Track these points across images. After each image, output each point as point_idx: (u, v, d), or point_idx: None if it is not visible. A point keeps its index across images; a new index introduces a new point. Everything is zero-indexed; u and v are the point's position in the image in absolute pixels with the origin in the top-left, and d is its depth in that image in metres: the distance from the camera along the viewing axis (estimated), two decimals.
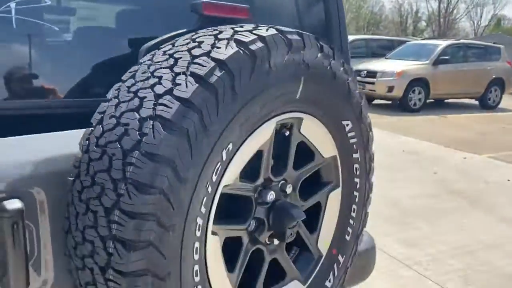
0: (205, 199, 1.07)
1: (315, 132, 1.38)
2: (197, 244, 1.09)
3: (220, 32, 1.16)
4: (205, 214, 1.10)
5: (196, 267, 1.11)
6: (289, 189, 1.35)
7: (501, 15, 50.97)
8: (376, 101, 12.95)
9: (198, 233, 1.08)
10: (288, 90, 1.22)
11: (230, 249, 1.25)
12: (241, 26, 1.20)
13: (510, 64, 13.65)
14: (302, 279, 1.45)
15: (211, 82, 1.02)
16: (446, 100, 13.68)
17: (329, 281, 1.51)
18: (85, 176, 1.02)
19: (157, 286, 1.01)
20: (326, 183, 1.49)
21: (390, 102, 12.56)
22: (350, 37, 12.09)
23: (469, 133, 9.46)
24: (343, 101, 1.38)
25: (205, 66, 1.04)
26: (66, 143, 1.12)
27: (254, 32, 1.16)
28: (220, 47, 1.09)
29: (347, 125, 1.42)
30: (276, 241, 1.35)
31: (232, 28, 1.17)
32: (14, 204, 1.03)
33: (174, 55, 1.10)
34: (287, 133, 1.34)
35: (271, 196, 1.30)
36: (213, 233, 1.16)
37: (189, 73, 1.04)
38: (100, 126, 1.04)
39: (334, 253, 1.52)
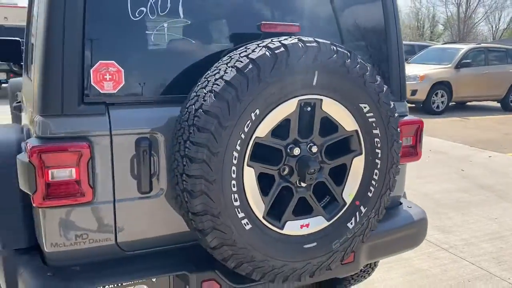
0: (239, 141, 1.67)
1: (335, 111, 1.85)
2: (234, 168, 1.68)
3: (263, 41, 1.74)
4: (240, 151, 1.68)
5: (234, 182, 1.69)
6: (314, 149, 1.85)
7: None
8: None
9: (234, 161, 1.68)
10: (305, 79, 1.73)
11: (269, 182, 1.81)
12: (280, 38, 1.75)
13: None
14: (326, 217, 1.93)
15: (245, 72, 1.62)
16: (467, 103, 13.94)
17: (351, 223, 1.97)
18: (178, 124, 1.71)
19: (208, 186, 1.63)
20: (351, 150, 1.95)
21: (413, 105, 12.86)
22: None
23: (492, 133, 9.75)
24: (359, 89, 1.84)
25: (243, 62, 1.64)
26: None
27: (282, 41, 1.70)
28: (255, 51, 1.66)
29: (365, 107, 1.88)
30: (303, 184, 1.84)
31: (271, 39, 1.74)
32: (145, 141, 1.80)
33: (232, 56, 1.72)
34: (309, 109, 1.83)
35: (297, 151, 1.81)
36: (249, 165, 1.73)
37: (234, 66, 1.64)
38: (190, 97, 1.72)
39: (357, 204, 1.98)
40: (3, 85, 14.36)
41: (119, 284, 1.77)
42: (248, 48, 1.71)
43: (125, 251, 1.89)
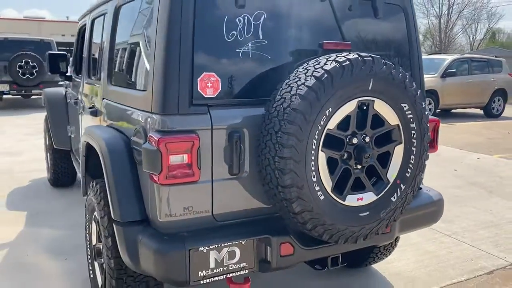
0: (317, 132, 2.17)
1: (383, 109, 2.39)
2: (312, 152, 2.19)
3: (330, 56, 2.26)
4: (317, 139, 2.19)
5: (312, 163, 2.20)
6: (367, 139, 2.38)
7: (495, 28, 52.62)
8: None
9: (313, 147, 2.18)
10: (363, 84, 2.27)
11: (333, 164, 2.30)
12: (342, 53, 2.30)
13: (511, 76, 14.78)
14: (375, 193, 2.46)
15: (322, 79, 2.14)
16: (452, 110, 14.73)
17: (394, 198, 2.50)
18: (268, 119, 2.22)
19: (295, 165, 2.13)
20: (393, 140, 2.48)
21: None
22: None
23: (478, 138, 10.48)
24: (401, 92, 2.39)
25: (319, 72, 2.16)
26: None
27: (346, 56, 2.24)
28: (327, 64, 2.19)
29: (405, 106, 2.42)
30: (358, 166, 2.37)
31: (336, 55, 2.28)
32: (236, 133, 2.36)
33: (307, 68, 2.24)
34: (364, 107, 2.36)
35: (355, 140, 2.32)
36: (322, 151, 2.23)
37: (312, 75, 2.16)
38: (274, 99, 2.24)
39: (398, 182, 2.51)
40: (5, 96, 14.65)
41: (219, 245, 2.27)
42: (320, 62, 2.24)
43: (217, 221, 2.39)
